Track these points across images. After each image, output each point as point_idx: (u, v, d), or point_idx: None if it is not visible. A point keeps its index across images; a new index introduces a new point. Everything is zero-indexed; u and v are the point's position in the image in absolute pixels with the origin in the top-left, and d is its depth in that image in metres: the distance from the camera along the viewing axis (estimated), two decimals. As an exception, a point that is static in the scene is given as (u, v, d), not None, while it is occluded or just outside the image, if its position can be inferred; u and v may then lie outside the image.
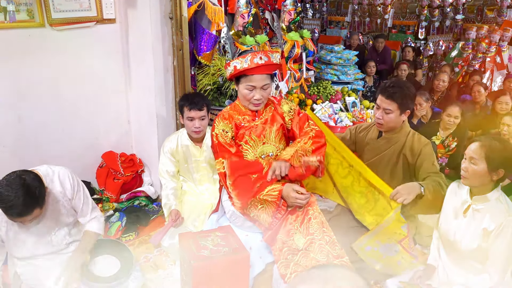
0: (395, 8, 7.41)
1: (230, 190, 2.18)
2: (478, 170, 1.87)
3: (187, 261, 1.95)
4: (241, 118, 2.27)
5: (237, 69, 2.14)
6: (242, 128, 2.26)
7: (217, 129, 2.25)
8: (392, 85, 2.43)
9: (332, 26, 8.13)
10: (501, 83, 5.91)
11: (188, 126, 2.71)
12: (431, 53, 6.74)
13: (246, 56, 2.11)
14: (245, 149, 2.26)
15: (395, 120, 2.44)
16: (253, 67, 2.11)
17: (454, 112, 3.66)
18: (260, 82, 2.15)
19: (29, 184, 1.80)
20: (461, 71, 6.25)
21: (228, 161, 2.18)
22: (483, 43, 6.12)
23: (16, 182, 1.78)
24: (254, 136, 2.25)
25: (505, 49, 6.07)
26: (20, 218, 1.85)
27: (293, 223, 2.09)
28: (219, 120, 2.28)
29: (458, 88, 5.69)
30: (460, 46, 6.40)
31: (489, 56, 6.08)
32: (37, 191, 1.83)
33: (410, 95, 2.41)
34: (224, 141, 2.22)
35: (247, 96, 2.19)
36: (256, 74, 2.14)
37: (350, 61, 5.05)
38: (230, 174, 2.16)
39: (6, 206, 1.78)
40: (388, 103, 2.40)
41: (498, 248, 1.84)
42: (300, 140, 2.27)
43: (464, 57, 6.31)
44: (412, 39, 7.13)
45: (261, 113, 2.29)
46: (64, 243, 2.15)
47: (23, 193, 1.77)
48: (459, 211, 2.02)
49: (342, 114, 4.01)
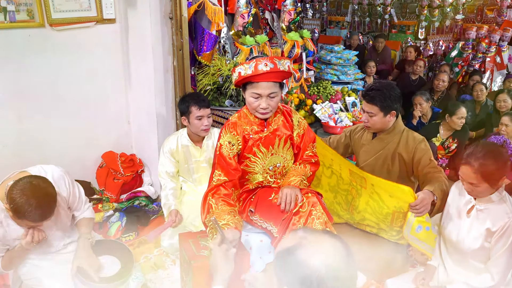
0: (395, 8, 7.42)
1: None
2: (482, 189, 1.87)
3: (187, 261, 1.95)
4: (249, 129, 2.18)
5: (241, 76, 2.03)
6: (251, 140, 2.18)
7: (223, 140, 2.16)
8: (372, 89, 2.47)
9: (332, 26, 8.12)
10: (501, 83, 5.91)
11: (196, 126, 2.70)
12: (431, 53, 6.75)
13: (250, 62, 2.01)
14: (253, 162, 2.20)
15: (381, 122, 2.46)
16: (258, 74, 2.00)
17: (462, 113, 3.65)
18: (266, 90, 2.03)
19: (42, 187, 1.82)
20: (461, 71, 6.26)
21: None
22: (483, 43, 6.12)
23: (30, 189, 1.78)
24: (263, 148, 2.18)
25: (505, 49, 6.07)
26: (42, 221, 1.86)
27: (296, 223, 2.08)
28: (225, 131, 2.18)
29: (458, 88, 5.70)
30: (460, 46, 6.40)
31: (489, 56, 6.08)
32: (51, 193, 1.85)
33: (392, 96, 2.41)
34: (227, 154, 2.13)
35: (252, 105, 2.09)
36: (262, 82, 2.02)
37: (350, 61, 5.05)
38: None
39: (26, 214, 1.78)
40: (370, 106, 2.45)
41: (501, 248, 1.85)
42: (302, 166, 2.26)
43: (464, 57, 6.31)
44: (412, 39, 7.13)
45: (270, 122, 2.20)
46: (62, 244, 2.15)
47: (41, 198, 1.79)
48: (463, 211, 2.03)
49: (342, 114, 4.01)
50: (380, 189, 2.28)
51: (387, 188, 2.24)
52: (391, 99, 2.41)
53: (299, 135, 2.27)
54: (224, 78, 3.35)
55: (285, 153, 2.25)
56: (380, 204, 2.30)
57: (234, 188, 2.13)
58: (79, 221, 2.22)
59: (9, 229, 1.95)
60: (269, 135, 2.19)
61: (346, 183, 2.47)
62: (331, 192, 2.62)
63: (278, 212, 2.10)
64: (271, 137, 2.19)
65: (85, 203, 2.26)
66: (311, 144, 2.32)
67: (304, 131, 2.29)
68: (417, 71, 5.46)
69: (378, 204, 2.32)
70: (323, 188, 2.65)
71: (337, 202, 2.58)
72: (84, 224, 2.22)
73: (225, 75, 3.33)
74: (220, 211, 1.98)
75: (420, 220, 2.16)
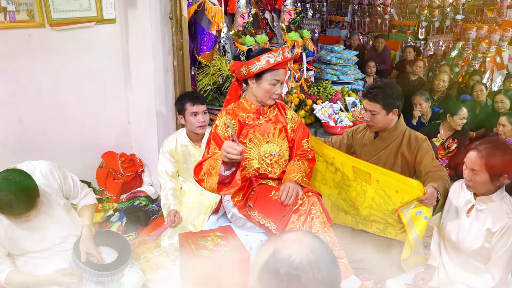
0: (395, 8, 7.42)
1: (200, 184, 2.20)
2: (481, 180, 1.87)
3: (187, 261, 1.95)
4: (245, 115, 2.26)
5: (270, 64, 2.13)
6: (246, 126, 2.25)
7: (219, 121, 2.24)
8: (374, 87, 2.47)
9: (332, 26, 8.12)
10: (501, 83, 5.91)
11: (192, 122, 2.70)
12: (431, 53, 6.74)
13: (278, 50, 2.15)
14: (249, 147, 2.24)
15: (383, 120, 2.47)
16: (284, 61, 2.16)
17: (463, 113, 3.65)
18: (283, 76, 2.21)
19: (17, 181, 1.85)
20: (461, 71, 6.25)
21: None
22: (483, 43, 6.12)
23: (6, 184, 1.81)
24: (258, 134, 2.25)
25: (505, 49, 6.07)
26: (25, 213, 1.91)
27: (295, 222, 2.09)
28: (222, 114, 2.27)
29: (458, 88, 5.69)
30: (460, 46, 6.39)
31: (489, 56, 6.07)
32: (28, 185, 1.88)
33: (394, 93, 2.42)
34: (222, 134, 2.19)
35: (270, 91, 2.19)
36: (281, 69, 2.20)
37: (350, 61, 5.05)
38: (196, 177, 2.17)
39: (7, 209, 1.84)
40: (372, 105, 2.45)
41: (501, 248, 1.85)
42: (300, 163, 2.29)
43: (464, 57, 6.30)
44: (412, 39, 7.13)
45: (265, 112, 2.29)
46: (57, 237, 2.14)
47: (18, 192, 1.82)
48: (463, 210, 2.03)
49: (342, 114, 4.01)
50: (386, 186, 2.25)
51: (394, 183, 2.21)
52: (393, 96, 2.41)
53: (293, 128, 2.34)
54: (224, 78, 3.35)
55: (280, 142, 2.30)
56: (386, 200, 2.27)
57: None
58: (81, 210, 2.28)
59: (3, 224, 1.97)
60: (264, 123, 2.27)
61: (350, 179, 2.45)
62: (335, 188, 2.60)
63: (277, 209, 2.11)
64: (266, 125, 2.27)
65: (82, 189, 2.30)
66: (305, 139, 2.36)
67: (297, 125, 2.36)
68: (417, 72, 5.46)
69: (384, 201, 2.28)
70: (327, 184, 2.64)
71: (342, 198, 2.56)
72: (85, 213, 2.26)
73: (225, 75, 3.33)
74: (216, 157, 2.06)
75: (424, 208, 2.14)
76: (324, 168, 2.61)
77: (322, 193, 2.66)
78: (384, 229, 2.47)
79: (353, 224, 2.62)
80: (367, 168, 2.31)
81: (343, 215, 2.63)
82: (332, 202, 2.65)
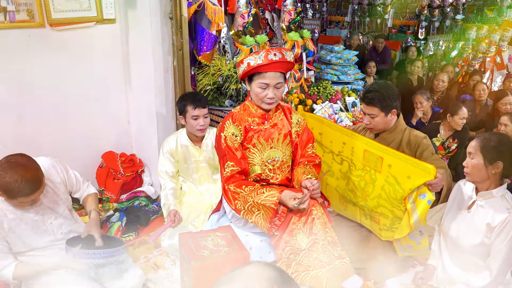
0: (395, 8, 7.41)
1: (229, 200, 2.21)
2: (476, 163, 1.90)
3: (187, 261, 1.95)
4: (250, 120, 2.25)
5: (251, 66, 2.09)
6: (251, 131, 2.24)
7: (227, 131, 2.22)
8: (370, 90, 2.48)
9: (332, 26, 8.13)
10: (501, 83, 5.91)
11: (192, 125, 2.70)
12: (431, 53, 6.74)
13: (260, 52, 2.08)
14: (252, 152, 2.24)
15: (383, 122, 2.48)
16: (266, 63, 2.07)
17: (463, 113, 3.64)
18: (273, 80, 2.12)
19: (21, 162, 1.87)
20: (461, 71, 6.25)
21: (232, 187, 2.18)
22: (483, 43, 6.12)
23: (10, 166, 1.83)
24: (262, 139, 2.23)
25: (505, 49, 6.07)
26: (33, 192, 1.90)
27: (296, 223, 2.09)
28: (229, 122, 2.24)
29: (458, 88, 5.69)
30: (460, 46, 6.40)
31: (489, 56, 6.08)
32: (32, 165, 1.91)
33: (390, 95, 2.43)
34: (232, 145, 2.19)
35: (260, 95, 2.15)
36: (269, 72, 2.10)
37: (350, 61, 5.05)
38: (231, 199, 2.19)
39: (15, 190, 1.83)
40: (370, 108, 2.46)
41: (500, 243, 1.87)
42: (309, 167, 2.29)
43: (464, 57, 6.31)
44: (412, 39, 7.13)
45: (270, 116, 2.27)
46: (60, 232, 2.14)
47: (24, 171, 1.84)
48: (464, 206, 2.05)
49: (342, 114, 4.01)
50: (398, 171, 2.20)
51: (407, 167, 2.15)
52: (390, 98, 2.42)
53: (298, 133, 2.32)
54: (224, 78, 3.35)
55: (284, 148, 2.29)
56: (396, 187, 2.21)
57: (246, 175, 2.22)
58: (85, 199, 2.36)
59: (7, 218, 1.97)
60: (269, 128, 2.25)
61: (358, 168, 2.43)
62: (343, 179, 2.57)
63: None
64: (271, 131, 2.25)
65: (83, 182, 2.39)
66: (310, 144, 2.34)
67: (302, 130, 2.34)
68: (415, 72, 5.46)
69: (393, 188, 2.23)
70: (335, 175, 2.61)
71: (350, 189, 2.53)
72: (90, 200, 2.36)
73: (225, 75, 3.33)
74: (254, 194, 2.09)
75: (428, 192, 2.11)
76: (330, 160, 2.60)
77: (329, 185, 2.66)
78: (391, 225, 2.38)
79: (362, 218, 2.56)
80: (381, 152, 2.27)
81: (351, 207, 2.58)
82: (340, 194, 2.62)
